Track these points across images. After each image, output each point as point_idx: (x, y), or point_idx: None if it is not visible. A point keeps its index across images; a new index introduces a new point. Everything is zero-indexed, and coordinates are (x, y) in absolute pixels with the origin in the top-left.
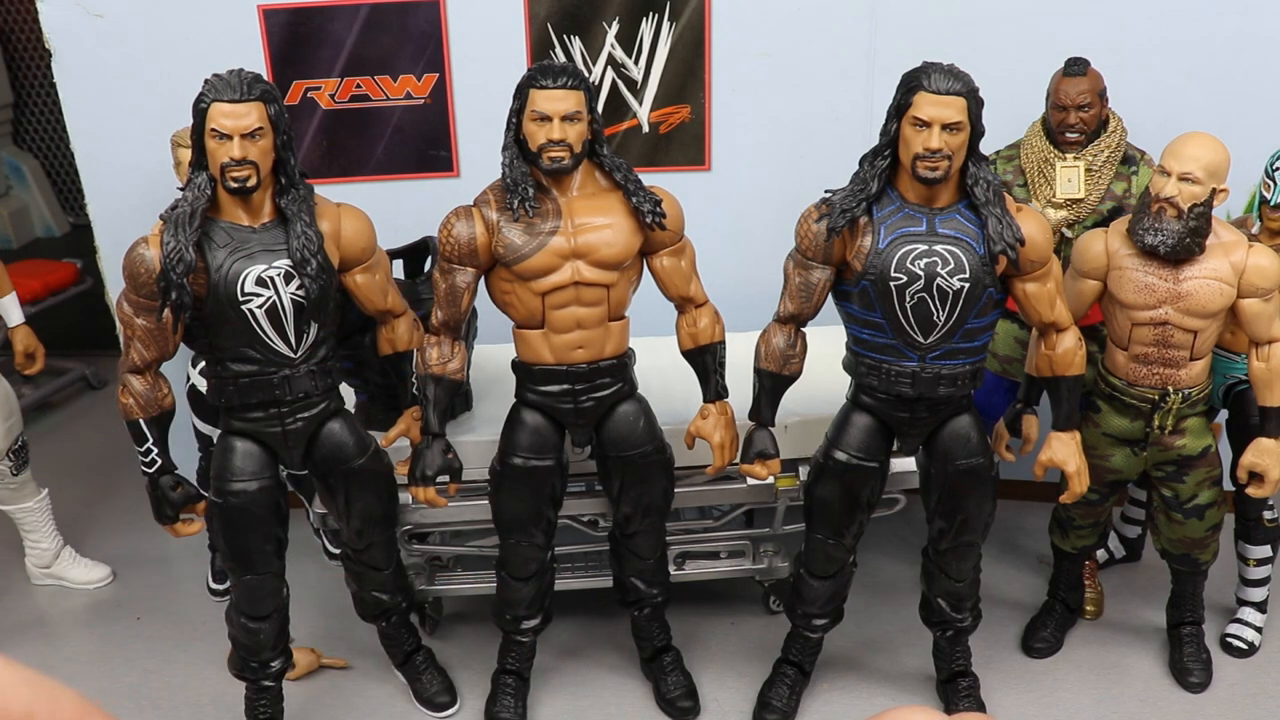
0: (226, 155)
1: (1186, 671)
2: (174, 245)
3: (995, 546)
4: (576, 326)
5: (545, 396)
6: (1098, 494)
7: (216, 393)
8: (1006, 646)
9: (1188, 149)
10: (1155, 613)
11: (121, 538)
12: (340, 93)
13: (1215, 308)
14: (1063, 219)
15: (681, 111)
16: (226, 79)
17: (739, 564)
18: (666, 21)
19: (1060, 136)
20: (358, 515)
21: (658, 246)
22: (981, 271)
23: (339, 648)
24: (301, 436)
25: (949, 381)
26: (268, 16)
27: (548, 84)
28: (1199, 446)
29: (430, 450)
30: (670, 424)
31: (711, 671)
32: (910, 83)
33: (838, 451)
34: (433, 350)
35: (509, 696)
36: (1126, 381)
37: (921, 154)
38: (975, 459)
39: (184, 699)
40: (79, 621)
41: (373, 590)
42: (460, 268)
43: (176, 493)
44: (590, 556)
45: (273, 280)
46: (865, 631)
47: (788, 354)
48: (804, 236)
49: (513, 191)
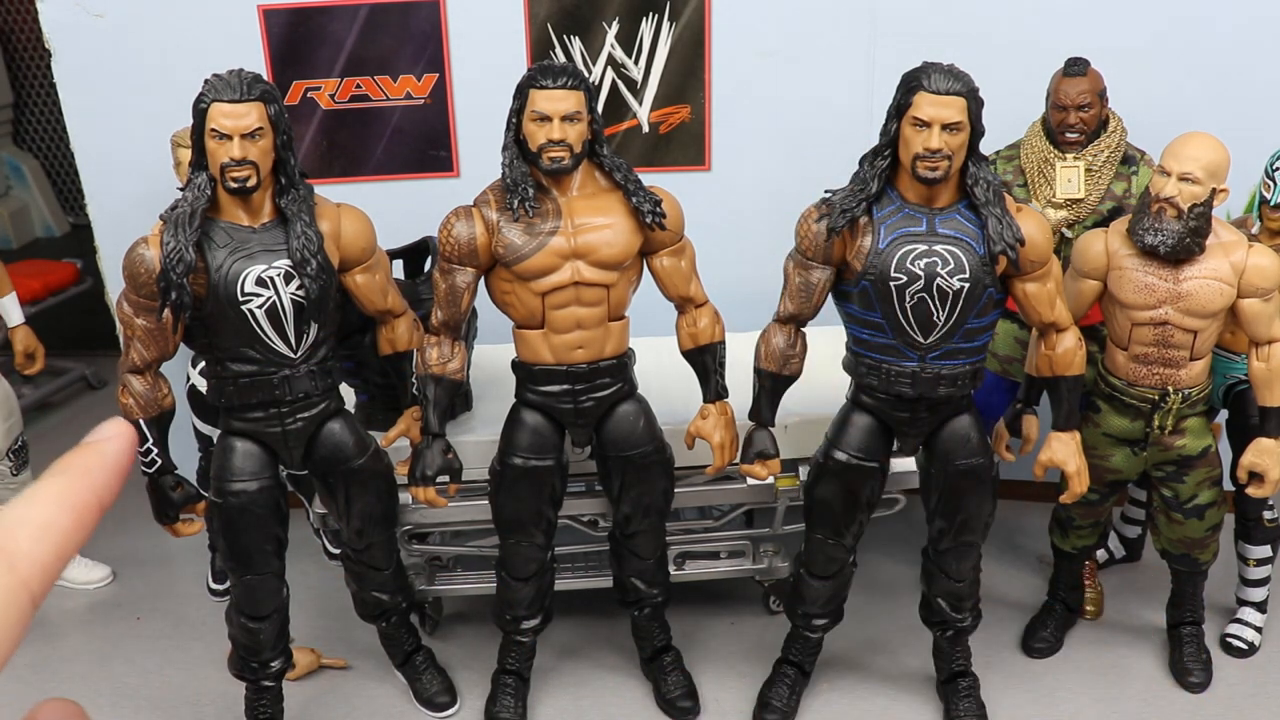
0: (226, 155)
1: (1186, 671)
2: (174, 245)
3: (995, 546)
4: (576, 326)
5: (545, 396)
6: (1098, 494)
7: (216, 393)
8: (1006, 646)
9: (1188, 149)
10: (1155, 613)
11: (121, 538)
12: (340, 93)
13: (1215, 308)
14: (1063, 219)
15: (681, 111)
16: (226, 79)
17: (739, 564)
18: (666, 21)
19: (1060, 136)
20: (358, 515)
21: (658, 246)
22: (981, 271)
23: (339, 648)
24: (301, 436)
25: (949, 382)
26: (268, 16)
27: (548, 84)
28: (1199, 446)
29: (430, 450)
30: (670, 424)
31: (711, 671)
32: (910, 83)
33: (838, 451)
34: (433, 350)
35: (509, 696)
36: (1126, 381)
37: (921, 154)
38: (975, 459)
39: (184, 699)
40: (79, 621)
41: (373, 590)
42: (460, 268)
43: (176, 493)
44: (590, 556)
45: (273, 280)
46: (865, 631)
47: (788, 354)
48: (804, 236)
49: (513, 191)
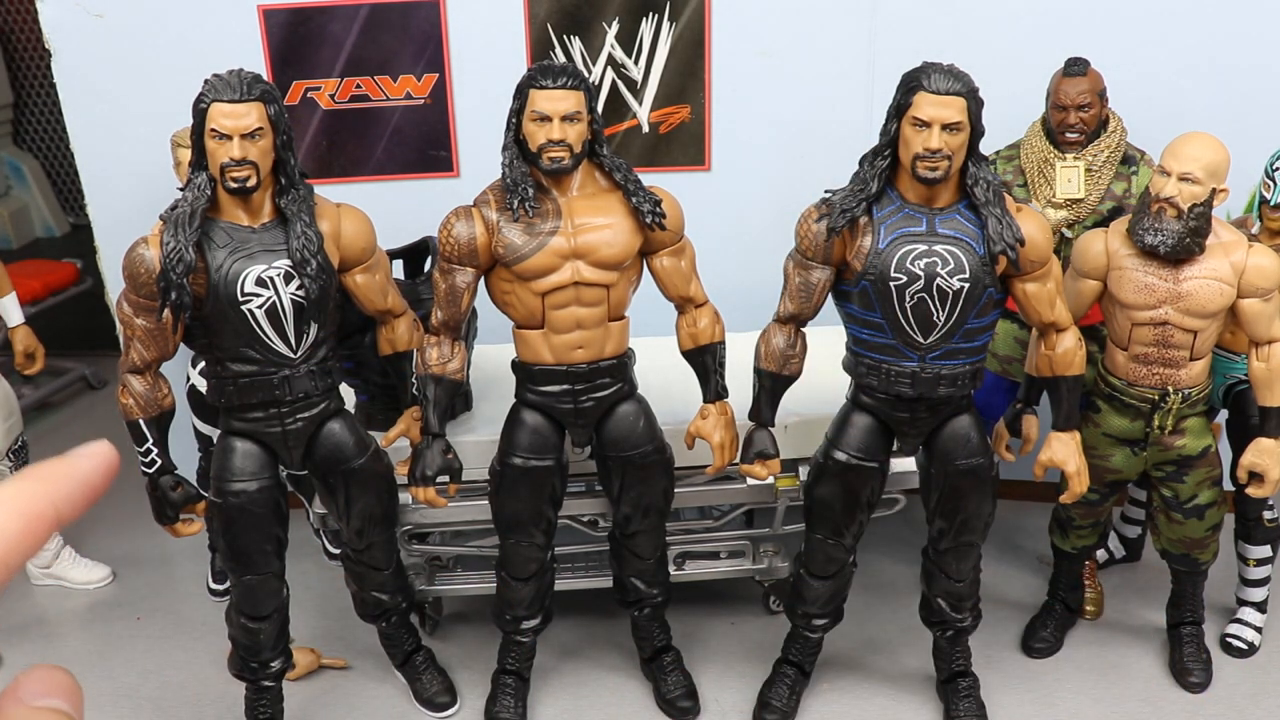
0: (226, 155)
1: (1186, 671)
2: (174, 245)
3: (995, 546)
4: (576, 327)
5: (545, 396)
6: (1098, 494)
7: (216, 393)
8: (1006, 646)
9: (1188, 149)
10: (1155, 613)
11: (121, 538)
12: (340, 93)
13: (1215, 308)
14: (1063, 219)
15: (681, 111)
16: (226, 79)
17: (739, 564)
18: (666, 21)
19: (1060, 136)
20: (358, 515)
21: (658, 246)
22: (981, 271)
23: (339, 648)
24: (301, 436)
25: (949, 381)
26: (268, 16)
27: (548, 84)
28: (1199, 446)
29: (430, 450)
30: (670, 424)
31: (711, 671)
32: (910, 83)
33: (838, 451)
34: (433, 350)
35: (509, 696)
36: (1126, 381)
37: (921, 154)
38: (975, 459)
39: (184, 699)
40: (79, 621)
41: (373, 590)
42: (460, 268)
43: (176, 493)
44: (590, 556)
45: (272, 280)
46: (865, 631)
47: (788, 354)
48: (804, 236)
49: (513, 192)
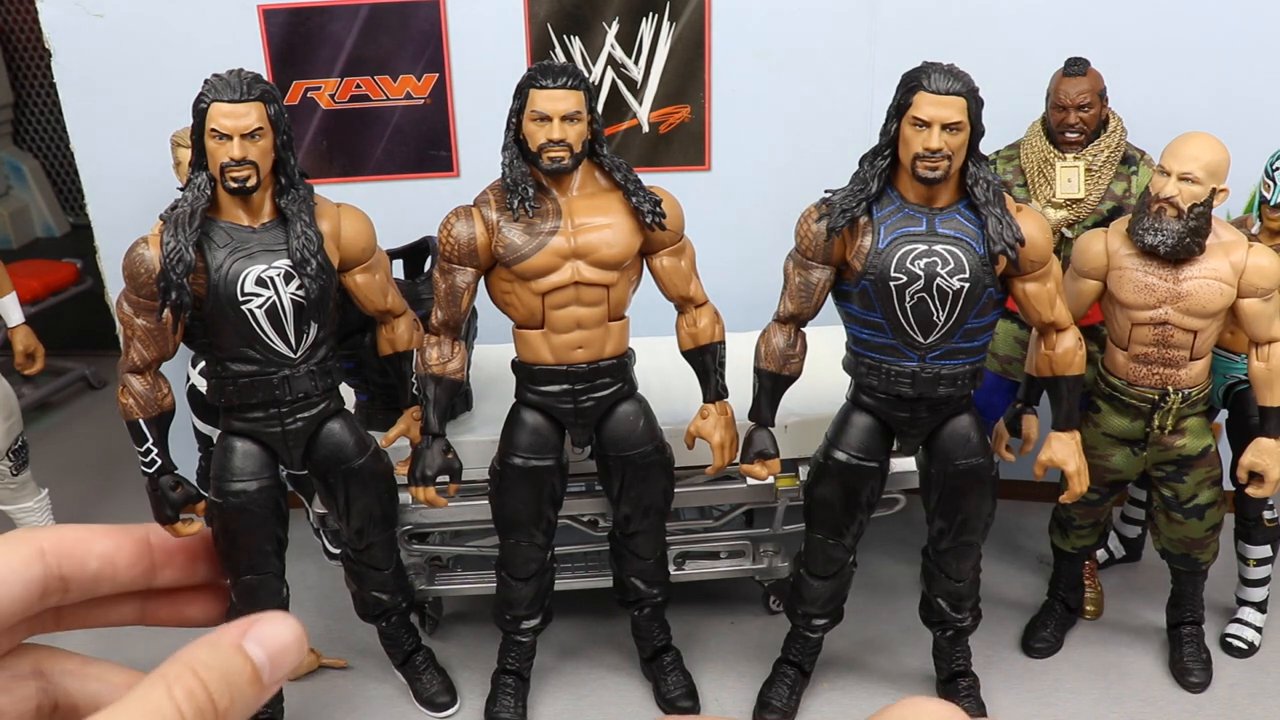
0: (226, 155)
1: (1186, 671)
2: (174, 245)
3: (995, 546)
4: (576, 326)
5: (545, 396)
6: (1098, 494)
7: (216, 393)
8: (1006, 646)
9: (1188, 149)
10: (1155, 613)
11: None
12: (340, 93)
13: (1215, 308)
14: (1063, 219)
15: (681, 111)
16: (226, 79)
17: (739, 564)
18: (666, 21)
19: (1060, 136)
20: (358, 515)
21: (658, 246)
22: (981, 271)
23: (339, 648)
24: (301, 436)
25: (949, 381)
26: (268, 16)
27: (548, 84)
28: (1199, 446)
29: (430, 450)
30: (670, 424)
31: (711, 671)
32: (910, 83)
33: (838, 451)
34: (432, 350)
35: (509, 696)
36: (1126, 381)
37: (921, 154)
38: (975, 459)
39: None
40: None
41: (373, 590)
42: (460, 268)
43: (176, 493)
44: (590, 556)
45: (272, 280)
46: (865, 631)
47: (788, 354)
48: (804, 236)
49: (513, 191)
